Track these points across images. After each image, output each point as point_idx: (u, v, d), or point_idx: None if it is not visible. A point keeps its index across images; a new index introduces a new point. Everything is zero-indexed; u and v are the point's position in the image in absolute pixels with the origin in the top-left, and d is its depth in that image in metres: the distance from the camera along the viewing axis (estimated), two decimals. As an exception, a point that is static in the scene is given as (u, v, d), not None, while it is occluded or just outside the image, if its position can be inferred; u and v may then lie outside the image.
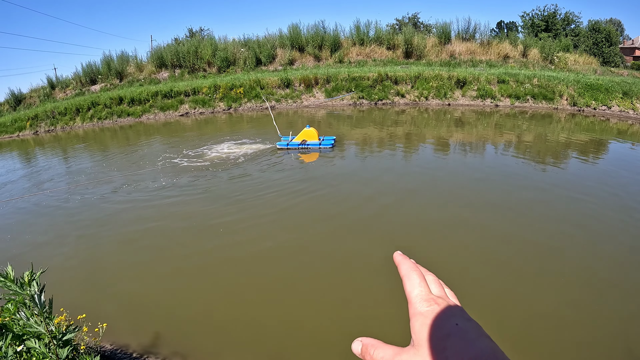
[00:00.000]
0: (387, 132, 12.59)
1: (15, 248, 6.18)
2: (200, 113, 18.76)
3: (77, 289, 4.83)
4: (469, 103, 17.31)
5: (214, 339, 3.85)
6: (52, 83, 24.48)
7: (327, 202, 7.06)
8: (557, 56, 22.04)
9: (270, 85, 19.24)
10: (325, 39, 23.07)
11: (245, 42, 24.48)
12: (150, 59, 24.29)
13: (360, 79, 18.48)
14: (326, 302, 4.32)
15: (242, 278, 4.88)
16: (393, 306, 4.10)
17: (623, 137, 12.10)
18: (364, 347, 0.47)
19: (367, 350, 0.46)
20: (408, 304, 0.47)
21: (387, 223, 6.14)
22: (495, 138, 11.75)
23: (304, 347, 3.69)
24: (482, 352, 0.39)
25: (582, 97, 16.14)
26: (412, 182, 7.93)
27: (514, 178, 8.05)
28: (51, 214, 7.53)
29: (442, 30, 22.82)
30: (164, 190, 8.16)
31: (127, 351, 3.74)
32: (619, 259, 4.92)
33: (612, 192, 7.12)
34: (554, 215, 6.16)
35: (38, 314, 1.84)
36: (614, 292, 4.28)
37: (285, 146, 10.78)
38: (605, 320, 3.83)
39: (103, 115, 19.04)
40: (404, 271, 0.50)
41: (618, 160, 9.68)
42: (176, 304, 4.44)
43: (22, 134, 19.13)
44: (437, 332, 0.42)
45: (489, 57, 21.95)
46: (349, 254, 5.27)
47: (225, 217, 6.61)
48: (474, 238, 5.56)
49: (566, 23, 30.65)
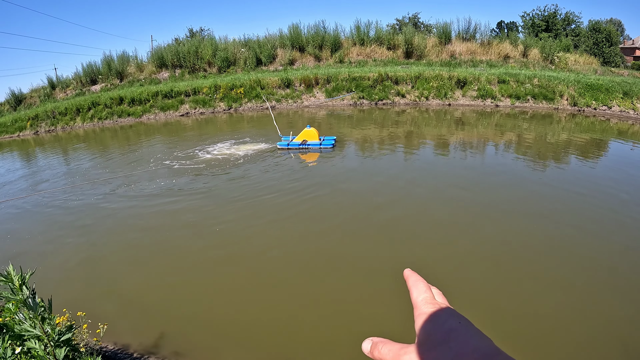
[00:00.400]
0: (388, 133, 12.59)
1: (15, 248, 6.18)
2: (201, 113, 18.77)
3: (77, 289, 4.83)
4: (469, 103, 17.31)
5: (215, 339, 3.85)
6: (53, 83, 24.50)
7: (328, 202, 7.05)
8: (557, 56, 22.04)
9: (270, 85, 19.24)
10: (326, 39, 23.07)
11: (246, 42, 24.48)
12: (151, 59, 24.30)
13: (360, 79, 18.47)
14: (327, 303, 4.32)
15: (243, 278, 4.88)
16: (392, 305, 4.10)
17: (624, 137, 12.09)
18: (373, 345, 0.49)
19: (376, 347, 0.48)
20: (414, 310, 0.49)
21: (387, 223, 6.13)
22: (495, 138, 11.75)
23: (304, 348, 3.69)
24: (485, 344, 0.41)
25: (582, 97, 16.13)
26: (413, 182, 7.92)
27: (514, 178, 8.05)
28: (51, 214, 7.53)
29: (443, 31, 22.80)
30: (164, 190, 8.17)
31: (127, 351, 3.74)
32: (619, 259, 4.92)
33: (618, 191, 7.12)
34: (562, 215, 6.16)
35: (33, 316, 1.83)
36: (613, 292, 4.27)
37: (285, 146, 10.78)
38: (602, 320, 3.83)
39: (103, 115, 19.05)
40: (412, 282, 0.53)
41: (621, 159, 9.68)
42: (177, 303, 4.43)
43: (23, 134, 19.14)
44: (440, 326, 0.44)
45: (490, 57, 21.94)
46: (350, 255, 5.26)
47: (225, 218, 6.61)
48: (474, 237, 5.56)
49: (566, 23, 30.64)
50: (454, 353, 0.40)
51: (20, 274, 1.74)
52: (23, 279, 1.72)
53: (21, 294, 1.71)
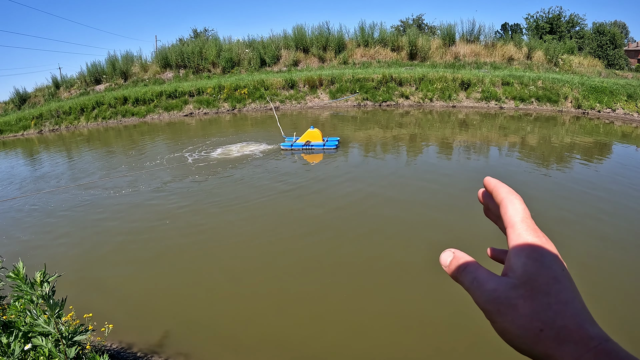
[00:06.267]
0: (392, 134, 12.58)
1: (14, 248, 6.20)
2: (205, 113, 18.80)
3: (81, 288, 4.84)
4: (473, 105, 17.27)
5: (218, 340, 3.85)
6: (57, 82, 24.62)
7: (329, 202, 7.05)
8: (561, 58, 21.96)
9: (274, 86, 19.26)
10: (330, 40, 23.07)
11: (250, 43, 24.52)
12: (155, 59, 24.38)
13: (364, 81, 18.47)
14: (331, 307, 4.31)
15: (247, 280, 4.88)
16: (394, 310, 4.09)
17: (627, 140, 12.04)
18: (455, 260, 0.43)
19: (458, 267, 0.42)
20: (507, 229, 0.42)
21: (389, 224, 6.12)
22: (499, 140, 11.72)
23: (307, 350, 3.69)
24: (590, 324, 0.36)
25: (586, 100, 16.06)
26: (414, 182, 7.91)
27: (514, 178, 8.03)
28: (52, 213, 7.56)
29: (447, 32, 22.77)
30: (167, 190, 8.18)
31: (131, 350, 3.75)
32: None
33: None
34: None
35: (48, 313, 1.84)
36: (614, 292, 4.25)
37: (289, 147, 10.79)
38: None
39: (107, 115, 19.12)
40: (504, 194, 0.44)
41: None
42: (180, 304, 4.44)
43: (27, 133, 19.23)
44: (545, 271, 0.38)
45: (494, 59, 21.88)
46: (352, 256, 5.26)
47: (229, 219, 6.62)
48: (472, 237, 5.54)
49: (571, 25, 30.52)
50: (554, 313, 0.36)
51: (44, 270, 1.75)
52: (45, 275, 1.72)
53: (40, 289, 1.71)
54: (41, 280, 1.72)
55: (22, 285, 1.80)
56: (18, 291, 1.85)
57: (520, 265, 0.38)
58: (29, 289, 1.72)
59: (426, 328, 3.85)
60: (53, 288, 1.80)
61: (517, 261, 0.39)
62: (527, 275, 0.38)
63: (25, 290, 1.72)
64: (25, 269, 1.89)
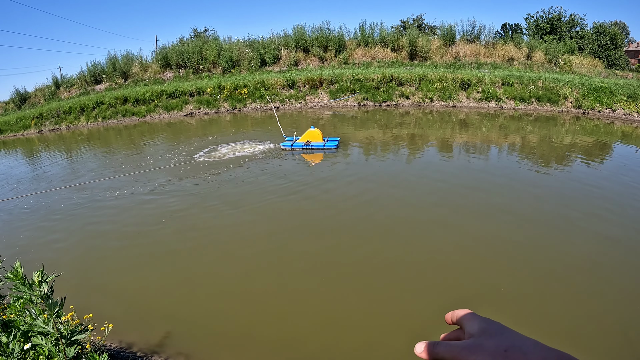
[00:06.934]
0: (392, 134, 12.58)
1: (14, 248, 6.20)
2: (205, 113, 18.80)
3: (82, 288, 4.83)
4: (473, 105, 17.27)
5: (218, 340, 3.85)
6: (57, 82, 24.62)
7: (329, 203, 7.05)
8: (561, 58, 21.95)
9: (274, 86, 19.26)
10: (330, 40, 23.07)
11: (250, 43, 24.51)
12: (155, 59, 24.38)
13: (364, 80, 18.47)
14: (331, 307, 4.31)
15: (247, 280, 4.88)
16: (394, 311, 4.09)
17: (627, 140, 12.03)
18: (429, 345, 0.54)
19: (432, 347, 0.53)
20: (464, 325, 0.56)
21: (389, 224, 6.12)
22: (499, 140, 11.72)
23: (307, 350, 3.68)
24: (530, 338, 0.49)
25: (586, 100, 16.06)
26: (415, 183, 7.91)
27: (514, 178, 8.02)
28: (53, 213, 7.55)
29: (447, 32, 22.75)
30: (167, 191, 8.18)
31: (131, 350, 3.74)
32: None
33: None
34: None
35: (47, 313, 1.83)
36: (615, 292, 4.25)
37: (289, 147, 10.79)
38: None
39: (108, 115, 19.12)
40: (459, 312, 0.59)
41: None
42: (181, 304, 4.44)
43: (27, 133, 19.23)
44: (494, 325, 0.52)
45: (494, 59, 21.87)
46: (354, 257, 5.26)
47: (229, 220, 6.62)
48: (472, 236, 5.54)
49: (571, 25, 30.49)
50: (511, 339, 0.48)
51: (42, 270, 1.74)
52: (44, 275, 1.72)
53: (39, 290, 1.71)
54: (39, 281, 1.72)
55: (21, 285, 1.80)
56: (17, 291, 1.85)
57: (476, 327, 0.52)
58: (27, 289, 1.71)
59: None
60: (52, 288, 1.80)
61: (473, 326, 0.53)
62: (483, 330, 0.51)
63: (24, 291, 1.71)
64: (23, 269, 1.88)
